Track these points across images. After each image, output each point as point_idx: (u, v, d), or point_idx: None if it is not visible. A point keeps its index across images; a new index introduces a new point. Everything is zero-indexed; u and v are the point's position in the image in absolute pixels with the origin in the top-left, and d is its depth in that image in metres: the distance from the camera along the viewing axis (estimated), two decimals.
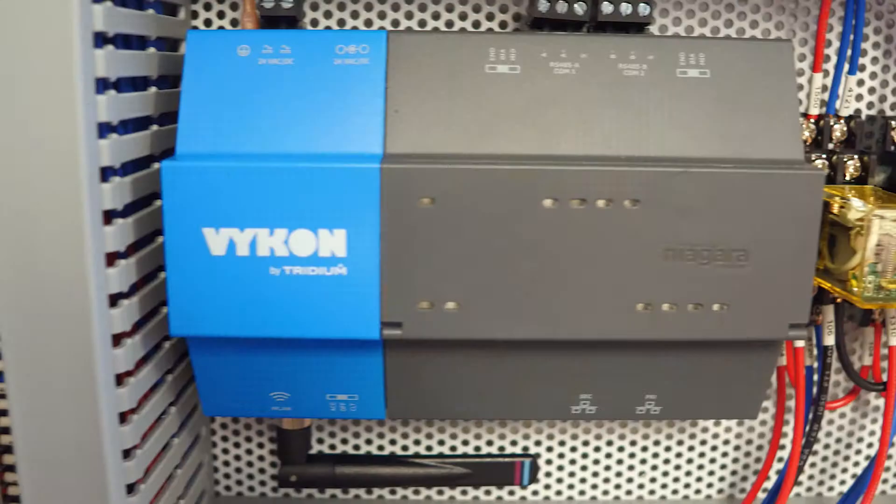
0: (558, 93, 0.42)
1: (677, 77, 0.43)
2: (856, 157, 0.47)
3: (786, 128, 0.43)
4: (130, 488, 0.41)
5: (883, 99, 0.51)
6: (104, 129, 0.38)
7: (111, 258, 0.39)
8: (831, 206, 0.45)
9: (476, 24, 0.48)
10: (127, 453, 0.41)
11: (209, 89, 0.42)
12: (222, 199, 0.40)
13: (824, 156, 0.47)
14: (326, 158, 0.40)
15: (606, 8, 0.44)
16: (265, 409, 0.45)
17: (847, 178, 0.48)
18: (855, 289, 0.43)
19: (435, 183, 0.40)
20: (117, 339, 0.40)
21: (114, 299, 0.39)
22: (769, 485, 0.54)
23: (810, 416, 0.50)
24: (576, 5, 0.44)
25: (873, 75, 0.51)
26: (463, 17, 0.48)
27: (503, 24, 0.48)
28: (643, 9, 0.44)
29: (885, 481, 0.56)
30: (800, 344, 0.49)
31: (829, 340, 0.49)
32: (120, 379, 0.40)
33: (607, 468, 0.54)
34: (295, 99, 0.41)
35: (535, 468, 0.51)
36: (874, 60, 0.50)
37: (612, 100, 0.42)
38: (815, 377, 0.50)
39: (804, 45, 0.50)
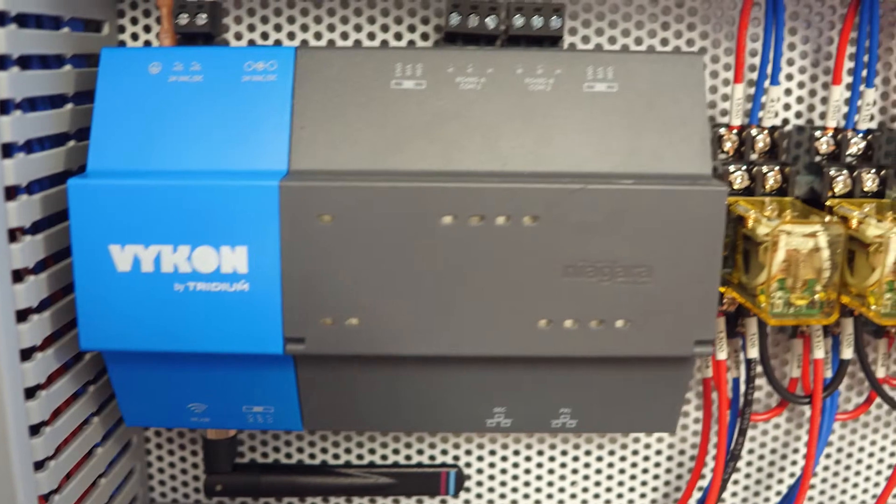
0: (463, 108, 0.42)
1: (584, 92, 0.43)
2: (776, 168, 0.47)
3: (693, 142, 0.43)
4: (45, 497, 0.42)
5: (811, 108, 0.50)
6: (12, 149, 0.39)
7: (21, 274, 0.40)
8: (746, 221, 0.44)
9: (398, 36, 0.48)
10: (40, 464, 0.41)
11: (121, 106, 0.42)
12: (127, 215, 0.40)
13: (744, 167, 0.47)
14: (229, 176, 0.41)
15: (518, 21, 0.44)
16: (184, 420, 0.46)
17: (767, 189, 0.47)
18: (763, 304, 0.43)
19: (333, 200, 0.40)
20: (27, 353, 0.40)
21: (23, 314, 0.40)
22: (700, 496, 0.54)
23: (736, 428, 0.50)
24: (487, 19, 0.44)
25: (801, 84, 0.50)
26: (385, 28, 0.48)
27: (425, 36, 0.48)
28: (555, 22, 0.44)
29: (822, 492, 0.56)
30: (721, 356, 0.49)
31: (753, 353, 0.49)
32: (31, 392, 0.41)
33: (538, 478, 0.55)
34: (204, 116, 0.42)
35: (460, 479, 0.51)
36: (802, 70, 0.50)
37: (518, 115, 0.42)
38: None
39: (730, 54, 0.49)
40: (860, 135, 0.49)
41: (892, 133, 0.50)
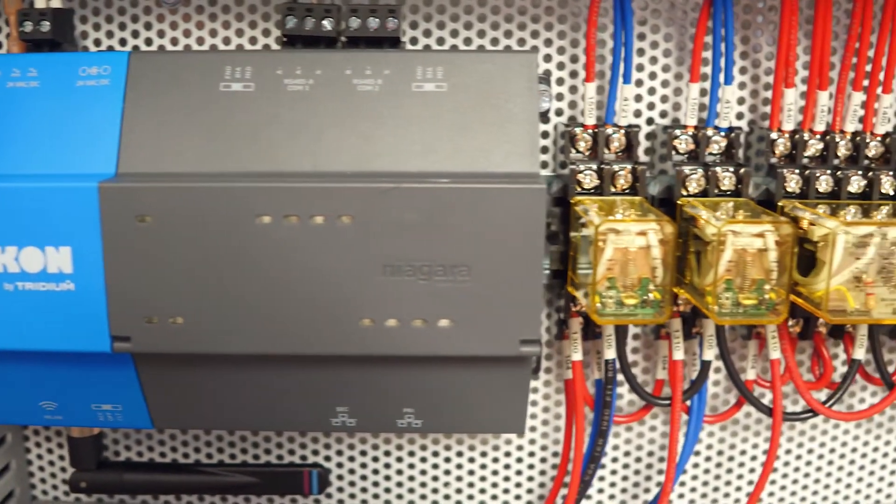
0: (291, 110, 0.42)
1: (412, 91, 0.43)
2: (628, 167, 0.46)
3: (522, 141, 0.42)
4: None
5: (678, 107, 0.49)
6: None
7: None
8: (585, 223, 0.44)
9: (253, 40, 0.49)
10: None
11: None
12: None
13: (594, 166, 0.46)
14: (57, 178, 0.41)
15: (354, 22, 0.44)
16: (38, 418, 0.47)
17: (618, 188, 0.46)
18: (598, 304, 0.42)
19: (151, 201, 0.40)
20: None
21: None
22: None
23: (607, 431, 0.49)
24: (324, 21, 0.44)
25: (665, 83, 0.49)
26: (240, 33, 0.48)
27: (279, 40, 0.48)
28: (391, 23, 0.44)
29: (703, 495, 0.55)
30: (577, 357, 0.48)
31: (610, 354, 0.48)
32: None
33: (411, 478, 0.54)
34: (38, 121, 0.43)
35: (324, 478, 0.51)
36: (666, 68, 0.49)
37: (345, 116, 0.42)
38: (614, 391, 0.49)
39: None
40: (722, 133, 0.48)
41: (763, 131, 0.49)
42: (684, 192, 0.47)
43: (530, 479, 0.54)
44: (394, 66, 0.43)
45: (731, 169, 0.47)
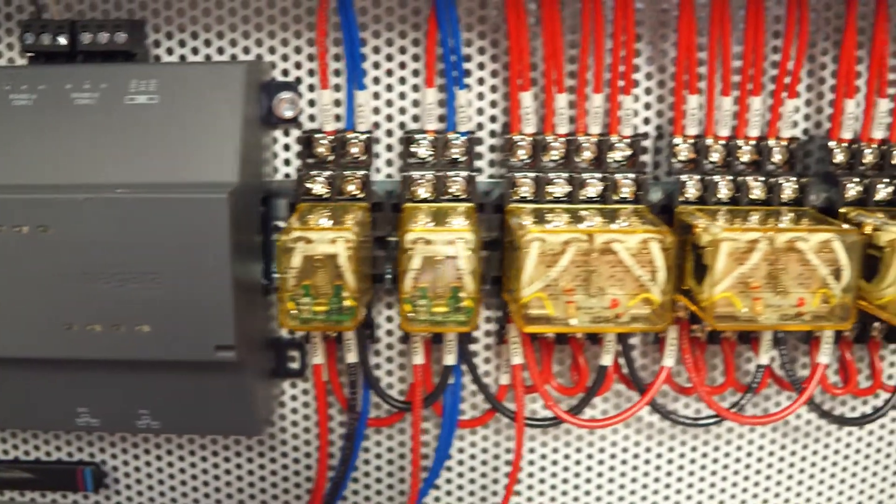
0: (14, 125, 0.47)
1: (125, 104, 0.47)
2: (360, 174, 0.49)
3: (224, 151, 0.46)
4: None
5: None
6: None
7: None
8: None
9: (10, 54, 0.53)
10: None
11: None
12: None
13: (327, 174, 0.50)
14: None
15: (85, 38, 0.49)
16: None
17: (346, 195, 0.50)
18: (293, 311, 0.46)
19: None
20: None
21: None
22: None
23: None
24: (59, 37, 0.49)
25: (416, 88, 0.52)
26: (11, 46, 0.53)
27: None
28: (119, 37, 0.48)
29: (474, 501, 0.58)
30: (318, 361, 0.52)
31: (351, 358, 0.51)
32: None
33: (194, 477, 0.58)
34: None
35: (98, 476, 0.56)
36: (416, 73, 0.52)
37: (62, 130, 0.47)
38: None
39: (339, 61, 0.52)
40: (462, 137, 0.50)
41: (510, 135, 0.51)
42: (412, 198, 0.50)
43: (308, 479, 0.58)
44: (110, 80, 0.47)
45: (462, 175, 0.49)
